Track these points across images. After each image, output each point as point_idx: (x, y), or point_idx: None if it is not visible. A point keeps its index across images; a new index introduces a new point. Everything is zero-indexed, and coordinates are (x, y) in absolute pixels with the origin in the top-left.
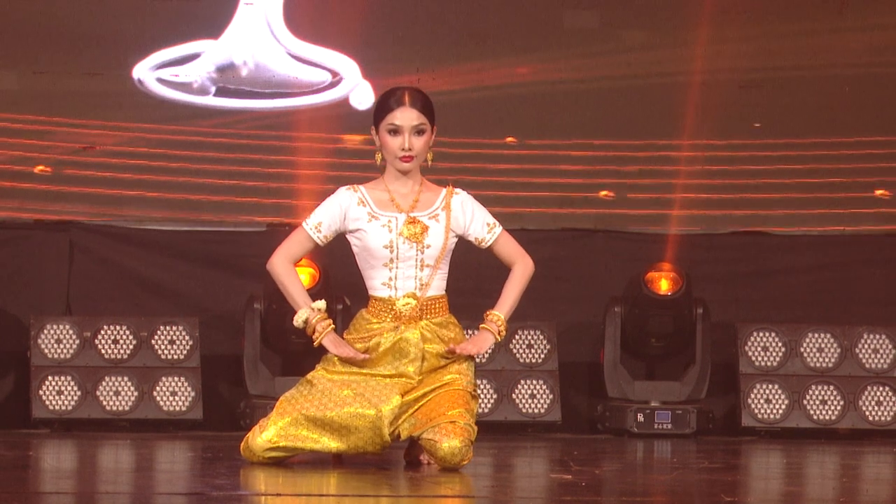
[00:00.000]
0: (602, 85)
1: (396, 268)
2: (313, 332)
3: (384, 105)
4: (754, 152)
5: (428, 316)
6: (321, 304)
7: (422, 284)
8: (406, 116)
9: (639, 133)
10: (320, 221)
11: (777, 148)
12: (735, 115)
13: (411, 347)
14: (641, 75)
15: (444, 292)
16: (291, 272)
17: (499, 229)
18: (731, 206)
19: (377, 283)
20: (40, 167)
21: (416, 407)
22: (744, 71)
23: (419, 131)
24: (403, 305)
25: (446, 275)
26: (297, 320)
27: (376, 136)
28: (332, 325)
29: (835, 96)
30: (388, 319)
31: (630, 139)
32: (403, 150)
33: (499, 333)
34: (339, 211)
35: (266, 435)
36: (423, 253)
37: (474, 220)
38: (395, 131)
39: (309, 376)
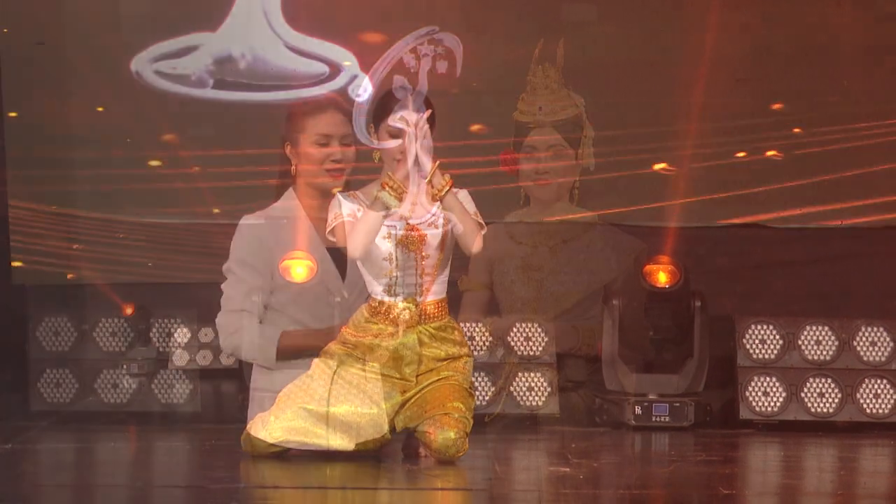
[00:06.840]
0: (599, 79)
1: (397, 276)
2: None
3: (385, 106)
4: (752, 144)
5: (426, 321)
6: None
7: (422, 290)
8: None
9: (637, 127)
10: (350, 210)
11: (775, 139)
12: (733, 108)
13: (407, 352)
14: (639, 67)
15: (444, 296)
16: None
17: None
18: (729, 199)
19: (378, 288)
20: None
21: (412, 400)
22: (742, 63)
23: None
24: (402, 311)
25: (447, 279)
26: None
27: (375, 134)
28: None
29: (833, 92)
30: (387, 323)
31: (628, 131)
32: (402, 153)
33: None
34: (354, 207)
35: (269, 430)
36: (422, 262)
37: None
38: (396, 135)
39: (309, 371)
